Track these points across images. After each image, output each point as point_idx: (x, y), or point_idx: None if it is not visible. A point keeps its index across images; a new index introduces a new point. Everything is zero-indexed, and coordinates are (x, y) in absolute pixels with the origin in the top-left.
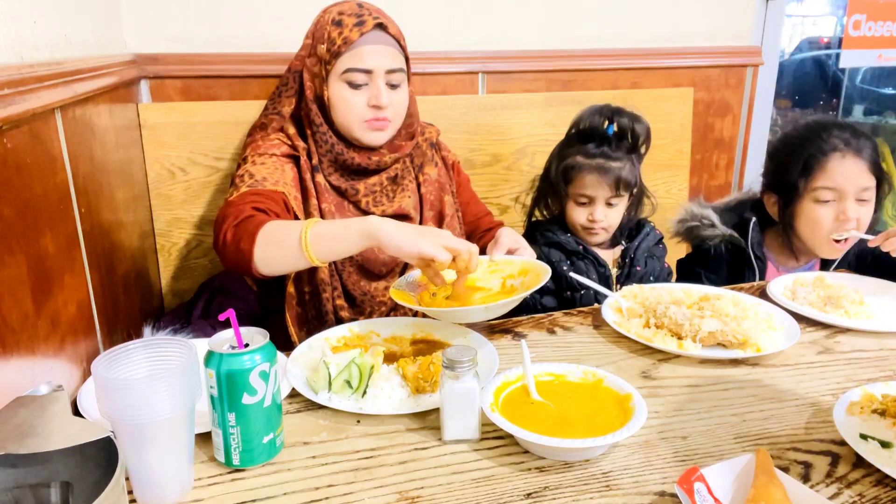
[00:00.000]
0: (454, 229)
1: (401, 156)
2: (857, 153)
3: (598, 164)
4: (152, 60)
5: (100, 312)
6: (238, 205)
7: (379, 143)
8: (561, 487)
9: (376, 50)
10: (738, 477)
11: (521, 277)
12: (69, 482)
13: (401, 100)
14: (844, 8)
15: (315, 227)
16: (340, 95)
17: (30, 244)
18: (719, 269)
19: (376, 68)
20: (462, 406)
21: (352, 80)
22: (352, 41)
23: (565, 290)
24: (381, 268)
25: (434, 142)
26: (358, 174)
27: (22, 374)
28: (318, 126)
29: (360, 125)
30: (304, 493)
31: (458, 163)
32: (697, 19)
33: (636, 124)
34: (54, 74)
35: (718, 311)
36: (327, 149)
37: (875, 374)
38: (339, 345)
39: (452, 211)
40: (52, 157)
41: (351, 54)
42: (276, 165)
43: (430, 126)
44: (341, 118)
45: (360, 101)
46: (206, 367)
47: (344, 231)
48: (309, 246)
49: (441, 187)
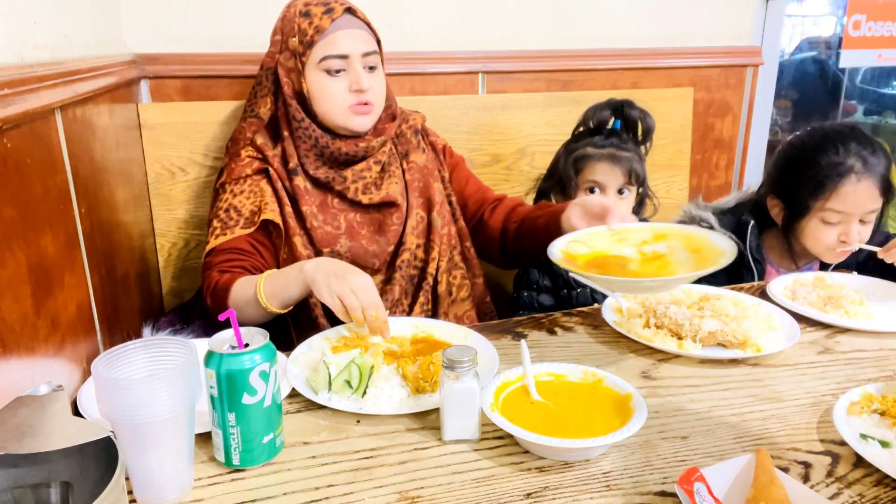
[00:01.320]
0: (444, 217)
1: (387, 138)
2: (871, 175)
3: (609, 153)
4: (152, 60)
5: (100, 312)
6: (208, 270)
7: (365, 128)
8: (561, 487)
9: (350, 34)
10: (738, 477)
11: (660, 242)
12: (69, 482)
13: (380, 83)
14: (844, 8)
15: (264, 284)
16: (320, 85)
17: (30, 244)
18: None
19: (352, 53)
20: (462, 406)
21: (329, 68)
22: (324, 29)
23: (562, 287)
24: (374, 260)
25: (419, 129)
26: (345, 164)
27: (22, 374)
28: (300, 121)
29: (344, 112)
30: (304, 493)
31: (448, 146)
32: (697, 19)
33: (647, 118)
34: (54, 74)
35: (718, 311)
36: (311, 143)
37: (875, 374)
38: (339, 345)
39: (442, 198)
40: (52, 157)
41: (325, 42)
42: (252, 188)
43: (415, 113)
44: (324, 108)
45: (340, 88)
46: (206, 367)
47: (285, 282)
48: (268, 302)
49: (429, 174)
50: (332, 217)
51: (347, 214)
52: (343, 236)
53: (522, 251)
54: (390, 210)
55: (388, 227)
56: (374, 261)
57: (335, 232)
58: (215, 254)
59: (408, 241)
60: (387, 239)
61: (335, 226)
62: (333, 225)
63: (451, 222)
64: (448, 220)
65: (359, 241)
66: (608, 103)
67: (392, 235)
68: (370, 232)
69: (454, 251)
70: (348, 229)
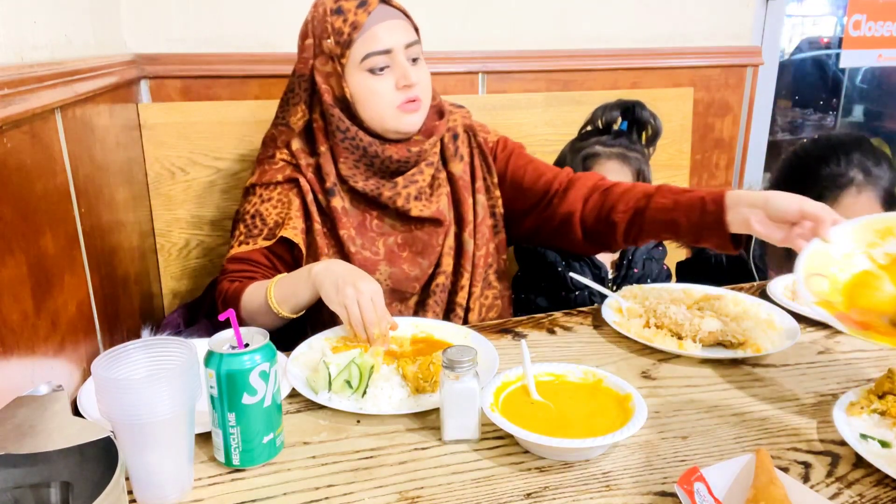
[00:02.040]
0: (482, 235)
1: (437, 138)
2: (873, 187)
3: (619, 153)
4: (152, 60)
5: (100, 312)
6: (222, 275)
7: (415, 127)
8: (561, 487)
9: (390, 26)
10: (738, 477)
11: (891, 239)
12: (69, 482)
13: (425, 75)
14: (844, 8)
15: (275, 289)
16: (365, 86)
17: (30, 244)
18: (720, 279)
19: (395, 46)
20: (462, 406)
21: (373, 66)
22: (360, 24)
23: (561, 290)
24: (414, 284)
25: (458, 132)
26: (396, 173)
27: (22, 374)
28: (345, 132)
29: (393, 113)
30: (304, 493)
31: (504, 138)
32: (697, 19)
33: (656, 121)
34: (54, 74)
35: (718, 311)
36: (360, 154)
37: (875, 374)
38: (339, 345)
39: (484, 211)
40: (52, 157)
41: (364, 38)
42: (280, 198)
43: (458, 110)
44: (371, 111)
45: (387, 87)
46: (206, 367)
47: (295, 287)
48: (279, 307)
49: (464, 186)
50: (370, 242)
51: (387, 238)
52: (382, 262)
53: (636, 239)
54: (436, 229)
55: (431, 249)
56: (414, 285)
57: (374, 258)
58: (232, 261)
59: (444, 263)
60: (428, 261)
61: (374, 251)
62: (372, 250)
63: (490, 239)
64: (487, 238)
65: (399, 266)
66: (618, 103)
67: (434, 257)
68: (411, 254)
69: (490, 270)
70: (388, 254)
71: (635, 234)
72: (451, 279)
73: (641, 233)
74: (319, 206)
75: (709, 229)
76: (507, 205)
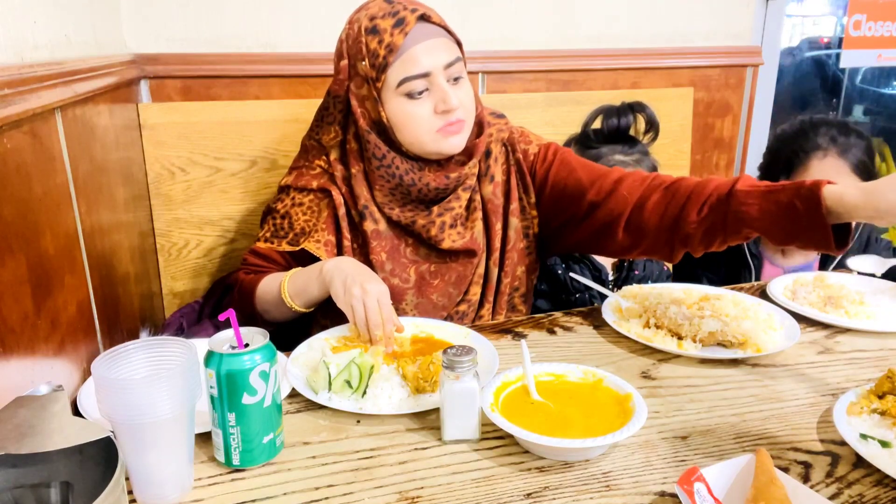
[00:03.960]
0: (512, 260)
1: (478, 159)
2: (840, 153)
3: (637, 160)
4: (152, 60)
5: (100, 312)
6: (242, 265)
7: (458, 149)
8: (561, 487)
9: (428, 47)
10: (738, 477)
11: None
12: (69, 482)
13: (468, 94)
14: (844, 8)
15: (289, 283)
16: (402, 111)
17: (30, 244)
18: (717, 269)
19: (434, 68)
20: (462, 406)
21: (411, 91)
22: (397, 46)
23: (561, 293)
24: (442, 313)
25: (490, 150)
26: (433, 202)
27: (22, 374)
28: (382, 159)
29: (433, 137)
30: (304, 493)
31: (546, 146)
32: (697, 19)
33: (655, 119)
34: (54, 74)
35: (718, 311)
36: (396, 183)
37: (875, 374)
38: (339, 345)
39: (516, 235)
40: (52, 157)
41: (401, 61)
42: (311, 206)
43: (497, 121)
44: (409, 136)
45: (425, 112)
46: (206, 367)
47: (307, 282)
48: (292, 301)
49: (493, 210)
50: (401, 268)
51: (420, 266)
52: (411, 290)
53: (732, 238)
54: (471, 259)
55: (464, 279)
56: (440, 313)
57: (403, 286)
58: (253, 254)
59: (471, 292)
60: (458, 290)
61: (403, 278)
62: (402, 277)
63: (519, 262)
64: (516, 262)
65: (428, 297)
66: (630, 106)
67: (465, 286)
68: (443, 283)
69: (516, 293)
70: (418, 282)
71: (708, 230)
72: (475, 308)
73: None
74: (351, 221)
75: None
76: (545, 220)
